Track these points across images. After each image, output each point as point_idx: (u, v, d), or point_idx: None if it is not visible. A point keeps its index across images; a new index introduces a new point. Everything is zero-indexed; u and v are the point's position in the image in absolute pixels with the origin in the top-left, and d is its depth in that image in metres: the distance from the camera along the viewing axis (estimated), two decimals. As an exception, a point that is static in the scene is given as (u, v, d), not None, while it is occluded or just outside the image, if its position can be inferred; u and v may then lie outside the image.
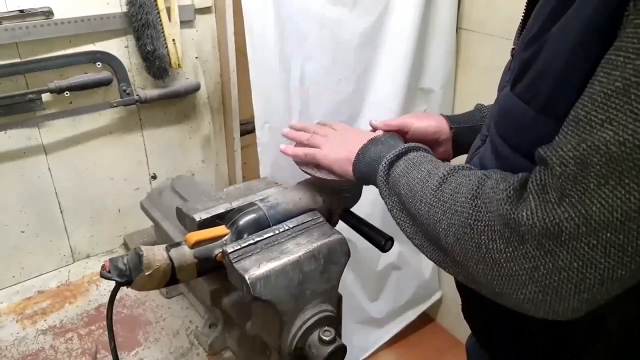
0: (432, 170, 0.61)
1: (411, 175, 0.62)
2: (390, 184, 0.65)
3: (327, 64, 1.37)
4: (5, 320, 1.10)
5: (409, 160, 0.65)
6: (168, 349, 1.03)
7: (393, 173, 0.65)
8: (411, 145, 0.68)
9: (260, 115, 1.27)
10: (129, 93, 1.18)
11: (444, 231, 0.55)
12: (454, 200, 0.54)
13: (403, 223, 0.64)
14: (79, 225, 1.27)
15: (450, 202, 0.55)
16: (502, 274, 0.49)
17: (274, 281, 0.70)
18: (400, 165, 0.65)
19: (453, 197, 0.55)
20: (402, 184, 0.63)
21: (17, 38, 1.01)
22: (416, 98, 1.60)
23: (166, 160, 1.35)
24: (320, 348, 0.72)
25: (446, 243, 0.55)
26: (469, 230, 0.51)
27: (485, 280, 0.51)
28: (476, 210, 0.51)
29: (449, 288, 1.98)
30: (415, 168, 0.63)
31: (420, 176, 0.61)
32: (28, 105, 1.07)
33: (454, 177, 0.57)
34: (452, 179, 0.57)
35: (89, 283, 1.22)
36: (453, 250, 0.54)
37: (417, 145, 0.68)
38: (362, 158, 0.72)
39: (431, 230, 0.57)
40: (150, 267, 0.71)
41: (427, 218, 0.57)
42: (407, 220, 0.63)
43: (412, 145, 0.68)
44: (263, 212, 0.79)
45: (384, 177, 0.66)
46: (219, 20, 1.27)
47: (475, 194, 0.52)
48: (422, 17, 1.45)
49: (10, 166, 1.12)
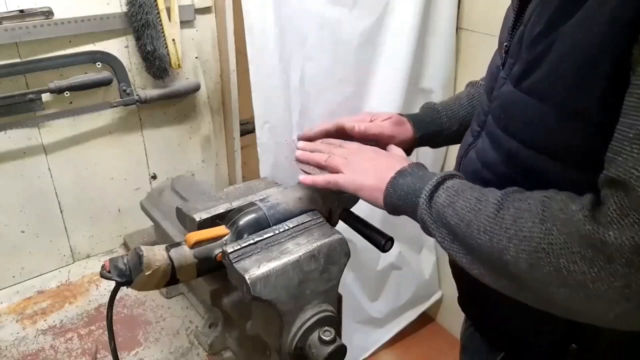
0: (480, 198, 0.58)
1: (458, 204, 0.60)
2: (435, 217, 0.62)
3: (327, 64, 1.37)
4: (5, 320, 1.10)
5: (449, 190, 0.62)
6: (168, 349, 1.03)
7: (436, 205, 0.62)
8: (446, 174, 0.65)
9: (260, 115, 1.27)
10: (129, 93, 1.18)
11: (513, 258, 0.52)
12: (519, 226, 0.52)
13: (457, 254, 0.60)
14: (79, 225, 1.27)
15: (515, 229, 0.52)
16: (589, 295, 0.48)
17: (274, 281, 0.70)
18: (441, 195, 0.62)
19: (517, 223, 0.53)
20: (450, 214, 0.60)
21: (17, 38, 1.01)
22: (416, 98, 1.60)
23: (166, 160, 1.35)
24: (320, 348, 0.72)
25: (517, 270, 0.52)
26: (544, 255, 0.49)
27: (569, 303, 0.50)
28: (547, 234, 0.50)
29: (449, 288, 1.98)
30: (459, 197, 0.60)
31: (469, 205, 0.58)
32: (28, 105, 1.07)
33: (509, 202, 0.55)
34: (509, 204, 0.55)
35: (89, 283, 1.22)
36: (526, 276, 0.52)
37: (451, 173, 0.66)
38: (394, 191, 0.68)
39: (495, 259, 0.55)
40: (150, 267, 0.71)
41: (490, 247, 0.55)
42: (462, 250, 0.60)
43: (447, 173, 0.65)
44: (263, 212, 0.79)
45: (427, 210, 0.63)
46: (219, 20, 1.27)
47: (542, 218, 0.51)
48: (422, 17, 1.45)
49: (10, 166, 1.12)
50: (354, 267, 1.70)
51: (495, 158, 0.66)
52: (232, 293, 0.86)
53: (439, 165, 1.80)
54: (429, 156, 1.71)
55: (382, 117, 0.88)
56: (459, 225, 0.58)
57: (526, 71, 0.58)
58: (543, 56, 0.56)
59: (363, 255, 1.66)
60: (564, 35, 0.53)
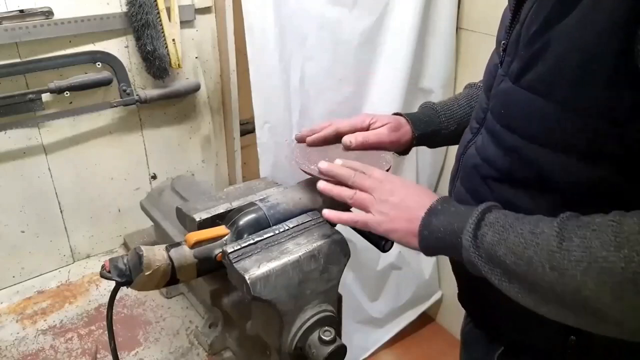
0: (534, 230, 0.54)
1: (510, 241, 0.55)
2: (486, 258, 0.58)
3: (327, 64, 1.37)
4: (5, 320, 1.10)
5: (493, 225, 0.58)
6: (168, 349, 1.03)
7: (483, 244, 0.58)
8: (483, 208, 0.60)
9: (260, 115, 1.27)
10: (129, 93, 1.18)
11: (593, 292, 0.49)
12: (592, 257, 0.48)
13: (519, 293, 0.56)
14: (79, 225, 1.27)
15: (588, 260, 0.49)
16: None
17: (274, 281, 0.70)
18: (486, 233, 0.58)
19: (588, 253, 0.49)
20: (503, 253, 0.55)
21: (17, 38, 1.01)
22: (416, 98, 1.60)
23: (166, 160, 1.35)
24: (320, 348, 0.72)
25: (600, 304, 0.49)
26: (632, 286, 0.46)
27: None
28: (629, 261, 0.46)
29: (449, 288, 1.98)
30: (508, 232, 0.56)
31: (523, 240, 0.54)
32: (28, 105, 1.07)
33: (570, 231, 0.51)
34: (570, 234, 0.51)
35: (89, 283, 1.22)
36: (611, 309, 0.49)
37: (487, 205, 0.61)
38: (429, 234, 0.64)
39: (570, 295, 0.51)
40: (150, 267, 0.71)
41: (562, 284, 0.51)
42: (524, 289, 0.55)
43: (484, 207, 0.61)
44: (263, 212, 0.79)
45: (475, 251, 0.59)
46: (219, 20, 1.27)
47: (618, 244, 0.47)
48: (422, 17, 1.45)
49: (10, 166, 1.12)
50: (354, 267, 1.70)
51: (495, 153, 0.66)
52: (232, 293, 0.86)
53: (439, 166, 1.80)
54: (429, 156, 1.71)
55: (381, 122, 0.88)
56: (517, 263, 0.54)
57: (524, 68, 0.59)
58: (541, 53, 0.57)
59: (363, 255, 1.66)
60: (562, 34, 0.54)
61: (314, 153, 0.86)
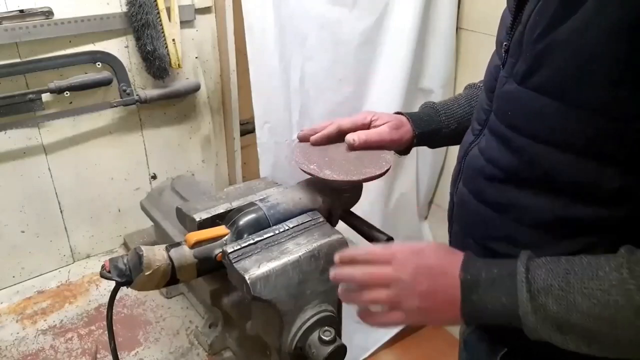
0: (601, 286, 0.51)
1: (579, 305, 0.51)
2: (556, 327, 0.53)
3: (327, 64, 1.37)
4: (5, 320, 1.10)
5: (550, 290, 0.53)
6: (168, 349, 1.03)
7: (549, 315, 0.53)
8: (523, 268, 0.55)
9: (260, 115, 1.27)
10: (129, 93, 1.18)
11: None
12: None
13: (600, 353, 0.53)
14: (79, 225, 1.27)
15: None
16: None
17: (274, 281, 0.70)
18: (548, 303, 0.53)
19: None
20: (577, 319, 0.51)
21: (17, 38, 1.01)
22: (416, 98, 1.60)
23: (166, 160, 1.35)
24: (321, 348, 0.72)
25: None
26: None
27: None
28: None
29: (449, 288, 1.97)
30: (573, 294, 0.52)
31: (597, 301, 0.51)
32: (28, 105, 1.07)
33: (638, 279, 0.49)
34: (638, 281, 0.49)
35: (89, 283, 1.22)
36: None
37: (525, 263, 0.56)
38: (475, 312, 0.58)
39: None
40: (150, 267, 0.71)
41: None
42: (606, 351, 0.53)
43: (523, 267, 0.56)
44: (263, 212, 0.79)
45: (541, 324, 0.54)
46: (219, 20, 1.27)
47: None
48: (422, 17, 1.45)
49: (10, 166, 1.12)
50: (354, 267, 1.70)
51: (501, 154, 0.66)
52: (232, 293, 0.86)
53: (439, 166, 1.80)
54: (429, 157, 1.71)
55: (382, 120, 0.88)
56: (598, 325, 0.51)
57: (529, 70, 0.59)
58: (546, 56, 0.57)
59: (363, 255, 1.65)
60: (565, 37, 0.54)
61: (314, 153, 0.86)
